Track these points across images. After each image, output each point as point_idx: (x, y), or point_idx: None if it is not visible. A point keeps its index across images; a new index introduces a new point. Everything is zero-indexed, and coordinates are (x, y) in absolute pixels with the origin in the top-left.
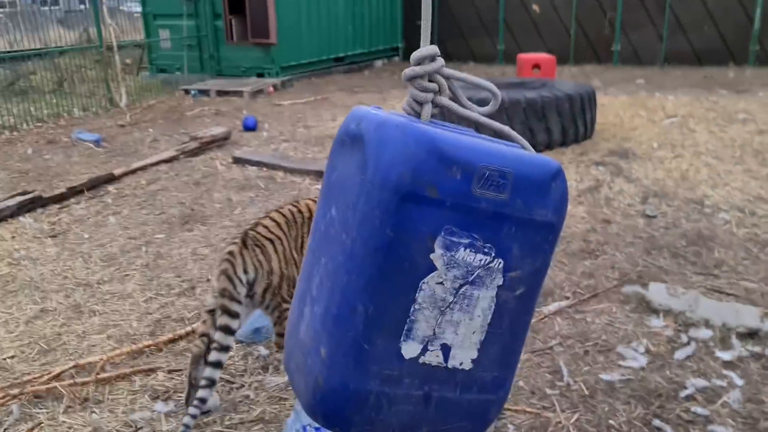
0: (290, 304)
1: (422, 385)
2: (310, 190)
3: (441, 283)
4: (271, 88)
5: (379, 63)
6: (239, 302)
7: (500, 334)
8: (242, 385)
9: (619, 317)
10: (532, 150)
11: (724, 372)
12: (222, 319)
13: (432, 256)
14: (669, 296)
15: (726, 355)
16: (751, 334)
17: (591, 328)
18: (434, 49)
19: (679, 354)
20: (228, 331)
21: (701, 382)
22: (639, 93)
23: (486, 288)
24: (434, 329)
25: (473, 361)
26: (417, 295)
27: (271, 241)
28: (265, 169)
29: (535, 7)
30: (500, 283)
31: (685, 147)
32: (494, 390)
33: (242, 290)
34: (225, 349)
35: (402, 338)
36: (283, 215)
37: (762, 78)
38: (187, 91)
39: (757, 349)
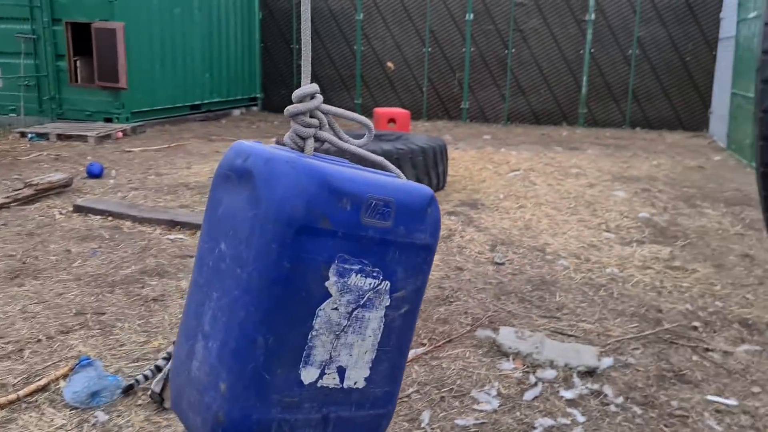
0: None
1: (321, 407)
2: (161, 240)
3: (336, 308)
4: (120, 134)
5: (237, 112)
6: None
7: (388, 351)
8: None
9: (473, 362)
10: (405, 178)
11: (568, 410)
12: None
13: (327, 283)
14: (517, 339)
15: (569, 394)
16: (590, 372)
17: (446, 374)
18: (315, 87)
19: (528, 395)
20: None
21: (548, 421)
22: (486, 148)
23: (376, 309)
24: (330, 353)
25: (366, 379)
26: (314, 321)
27: None
28: (110, 218)
29: (390, 65)
30: (387, 303)
31: (527, 198)
32: (384, 404)
33: None
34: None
35: (301, 365)
36: None
37: (590, 137)
38: (23, 134)
39: (595, 386)
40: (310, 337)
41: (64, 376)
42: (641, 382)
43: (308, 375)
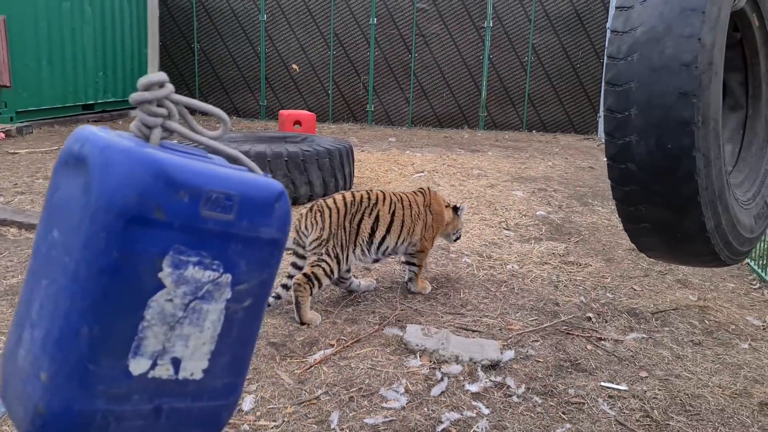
0: (330, 259)
1: (152, 398)
2: None
3: (170, 300)
4: (3, 134)
5: (134, 112)
6: (303, 247)
7: (230, 343)
8: None
9: (381, 360)
10: (260, 172)
11: (473, 403)
12: (294, 258)
13: (160, 275)
14: (423, 336)
15: (474, 387)
16: (493, 366)
17: (355, 374)
18: (162, 75)
19: (435, 390)
20: (295, 266)
21: (454, 415)
22: (391, 150)
23: (215, 301)
24: (164, 344)
25: (204, 370)
26: (145, 312)
27: (330, 210)
28: None
29: (294, 67)
30: (229, 296)
31: None
32: (226, 396)
33: (305, 240)
34: (289, 277)
35: (130, 355)
36: (352, 195)
37: (490, 139)
38: None
39: (498, 379)
40: (141, 327)
41: None
42: (541, 372)
43: (138, 366)
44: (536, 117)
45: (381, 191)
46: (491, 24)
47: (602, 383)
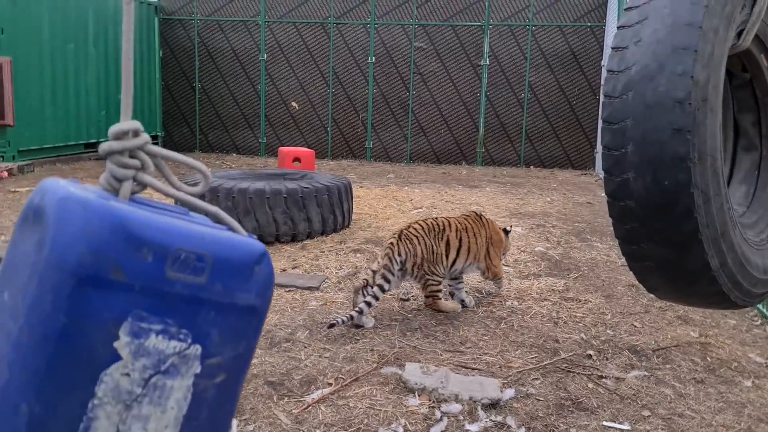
0: (431, 275)
1: None
2: None
3: (127, 374)
4: (5, 173)
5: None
6: (392, 274)
7: (198, 425)
8: None
9: (380, 399)
10: (243, 232)
11: None
12: (380, 281)
13: (116, 344)
14: (423, 375)
15: (474, 427)
16: (493, 405)
17: (354, 413)
18: (135, 124)
19: (434, 430)
20: (382, 289)
21: None
22: (390, 186)
23: (181, 377)
24: (118, 426)
25: None
26: (97, 388)
27: (416, 237)
28: None
29: (294, 105)
30: (198, 371)
31: None
32: None
33: (396, 266)
34: (376, 297)
35: None
36: (426, 223)
37: (488, 175)
38: None
39: (499, 418)
40: (90, 406)
41: None
42: (542, 411)
43: None
44: (534, 153)
45: (445, 219)
46: (488, 62)
47: (604, 422)
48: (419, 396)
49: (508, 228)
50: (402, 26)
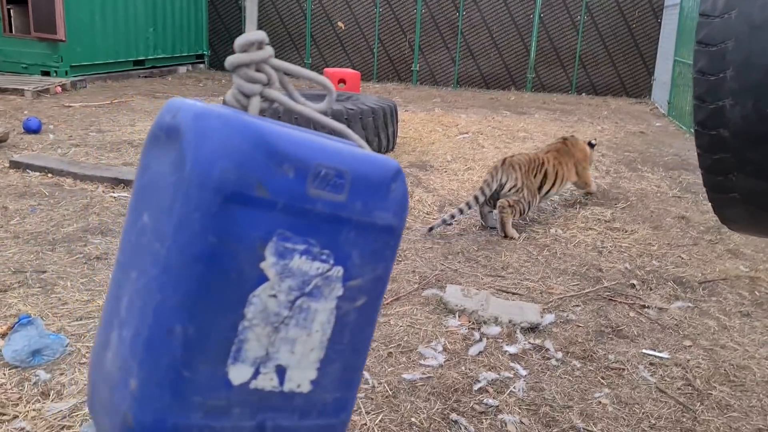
0: (525, 202)
1: (255, 414)
2: (104, 197)
3: (274, 295)
4: (59, 88)
5: (182, 69)
6: (487, 192)
7: (341, 350)
8: (16, 416)
9: (420, 319)
10: (369, 149)
11: (511, 364)
12: (477, 192)
13: (262, 264)
14: (463, 297)
15: (512, 349)
16: (532, 329)
17: (394, 331)
18: (261, 34)
19: (473, 350)
20: (475, 199)
21: (492, 375)
22: (435, 110)
23: (324, 299)
24: (267, 349)
25: (312, 382)
26: (246, 310)
27: (518, 164)
28: (50, 175)
29: (340, 24)
30: (340, 293)
31: (475, 161)
32: (336, 413)
33: (494, 186)
34: (468, 205)
35: (230, 361)
36: (527, 155)
37: (537, 102)
38: None
39: (537, 341)
40: (241, 327)
41: (3, 335)
42: (581, 337)
43: (239, 374)
44: (586, 79)
45: (542, 155)
46: None
47: (644, 350)
48: (459, 317)
49: (593, 141)
50: None
